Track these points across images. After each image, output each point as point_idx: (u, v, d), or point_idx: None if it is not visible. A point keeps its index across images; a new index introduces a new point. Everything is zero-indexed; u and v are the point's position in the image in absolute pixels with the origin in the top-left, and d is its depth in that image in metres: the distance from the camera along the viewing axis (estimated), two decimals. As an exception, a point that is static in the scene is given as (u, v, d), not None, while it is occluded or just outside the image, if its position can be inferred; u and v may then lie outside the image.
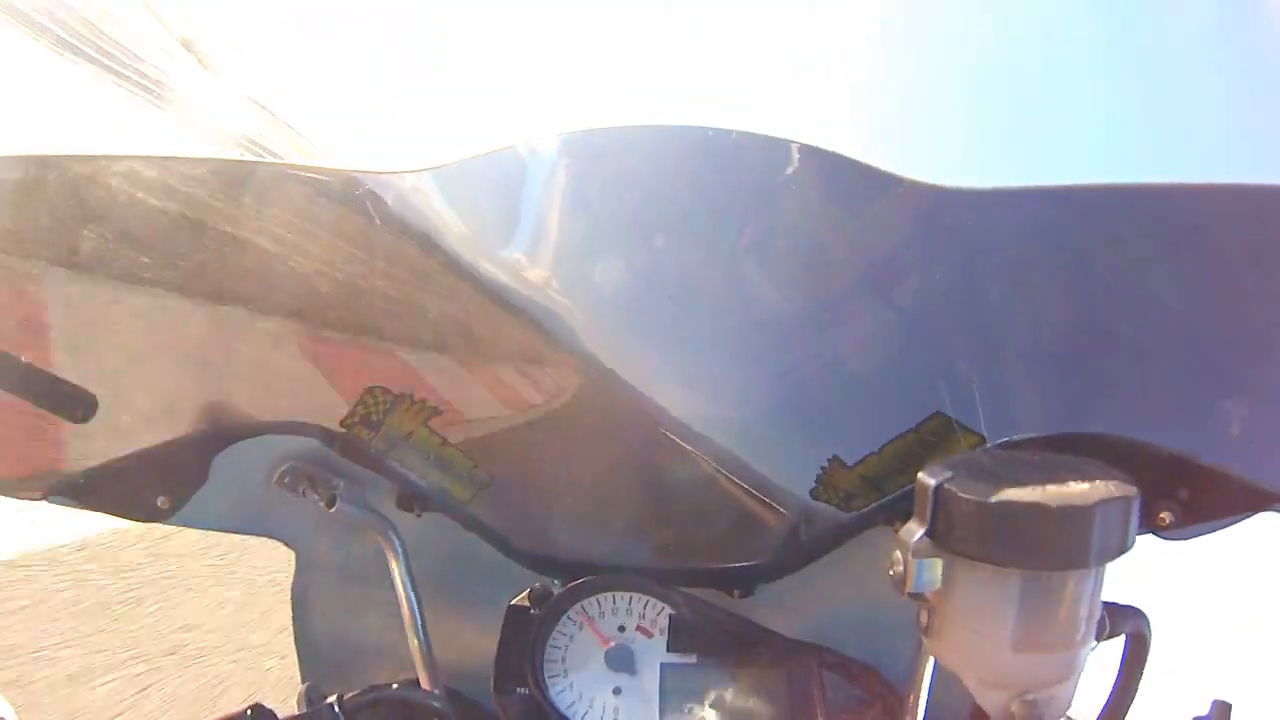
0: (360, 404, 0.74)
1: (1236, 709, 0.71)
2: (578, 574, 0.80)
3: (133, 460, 0.73)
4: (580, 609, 0.80)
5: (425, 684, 0.77)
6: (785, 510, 0.77)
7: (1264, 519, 0.69)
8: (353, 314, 0.72)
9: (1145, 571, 0.72)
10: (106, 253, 0.69)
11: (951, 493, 0.55)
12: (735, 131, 0.67)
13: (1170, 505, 0.70)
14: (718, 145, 0.68)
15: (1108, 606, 0.60)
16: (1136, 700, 0.70)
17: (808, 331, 0.73)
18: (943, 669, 0.62)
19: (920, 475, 0.57)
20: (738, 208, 0.70)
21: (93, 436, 0.72)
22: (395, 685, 0.77)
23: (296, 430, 0.75)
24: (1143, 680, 0.69)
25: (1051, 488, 0.53)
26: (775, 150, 0.68)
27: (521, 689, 0.77)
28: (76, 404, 0.71)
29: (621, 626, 0.79)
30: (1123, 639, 0.67)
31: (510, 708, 0.77)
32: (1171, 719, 0.73)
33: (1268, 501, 0.68)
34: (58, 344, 0.71)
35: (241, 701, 0.74)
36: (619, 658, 0.78)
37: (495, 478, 0.79)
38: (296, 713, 0.74)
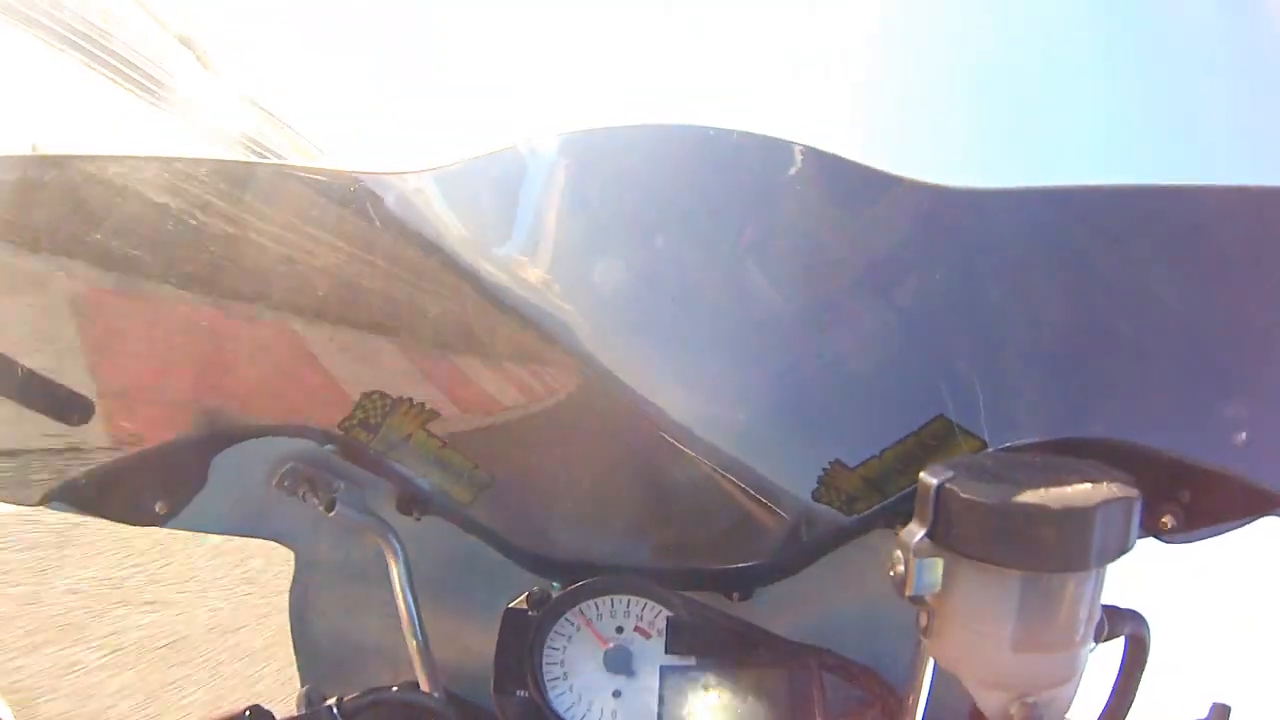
0: (359, 406, 0.74)
1: (1236, 711, 0.71)
2: (578, 575, 0.80)
3: (131, 463, 0.73)
4: (579, 611, 0.79)
5: (425, 686, 0.77)
6: (785, 512, 0.77)
7: (1265, 524, 0.68)
8: (353, 315, 0.72)
9: (1146, 573, 0.72)
10: (105, 253, 0.68)
11: (953, 493, 0.55)
12: (735, 131, 0.67)
13: (1173, 509, 0.69)
14: (718, 145, 0.68)
15: (1106, 609, 0.60)
16: (1136, 703, 0.70)
17: (808, 332, 0.73)
18: (942, 670, 0.62)
19: (922, 475, 0.58)
20: (738, 208, 0.70)
21: (89, 440, 0.72)
22: (395, 687, 0.77)
23: (296, 432, 0.75)
24: (1142, 683, 0.69)
25: (1053, 489, 0.54)
26: (775, 150, 0.68)
27: (521, 691, 0.77)
28: (72, 408, 0.71)
29: (620, 628, 0.79)
30: (1122, 642, 0.67)
31: (509, 710, 0.77)
32: (1171, 722, 0.73)
33: (1271, 505, 0.67)
34: (53, 347, 0.71)
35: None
36: (618, 660, 0.78)
37: (495, 479, 0.79)
38: (295, 714, 0.74)
